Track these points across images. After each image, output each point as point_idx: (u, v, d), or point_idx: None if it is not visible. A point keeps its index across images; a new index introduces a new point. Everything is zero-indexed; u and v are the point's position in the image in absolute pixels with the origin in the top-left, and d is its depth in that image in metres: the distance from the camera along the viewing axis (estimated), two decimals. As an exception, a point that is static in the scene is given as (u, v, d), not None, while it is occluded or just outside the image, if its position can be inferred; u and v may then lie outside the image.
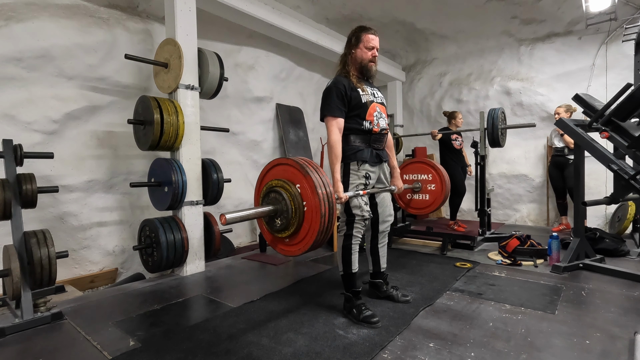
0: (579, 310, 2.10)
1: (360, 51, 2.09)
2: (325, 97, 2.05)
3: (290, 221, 1.57)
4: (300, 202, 1.55)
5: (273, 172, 1.70)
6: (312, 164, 1.61)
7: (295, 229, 1.57)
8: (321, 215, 1.47)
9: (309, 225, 1.52)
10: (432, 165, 2.66)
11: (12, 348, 1.79)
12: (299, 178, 1.56)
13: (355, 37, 2.09)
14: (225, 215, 1.43)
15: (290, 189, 1.57)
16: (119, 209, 3.39)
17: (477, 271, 2.92)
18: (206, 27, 3.88)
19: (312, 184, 1.51)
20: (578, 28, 4.69)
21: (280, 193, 1.59)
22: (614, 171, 2.50)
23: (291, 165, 1.61)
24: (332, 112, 1.99)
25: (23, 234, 1.99)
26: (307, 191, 1.52)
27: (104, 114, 3.27)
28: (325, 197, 1.51)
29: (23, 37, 2.79)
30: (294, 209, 1.56)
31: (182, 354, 1.68)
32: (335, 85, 2.03)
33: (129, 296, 2.52)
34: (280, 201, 1.58)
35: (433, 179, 2.66)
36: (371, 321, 1.94)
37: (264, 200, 1.67)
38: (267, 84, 4.81)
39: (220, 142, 4.32)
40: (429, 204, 2.68)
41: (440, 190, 2.61)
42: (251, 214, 1.53)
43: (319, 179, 1.54)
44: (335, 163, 1.92)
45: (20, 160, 2.03)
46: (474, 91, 5.53)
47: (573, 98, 3.02)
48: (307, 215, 1.53)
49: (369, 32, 2.09)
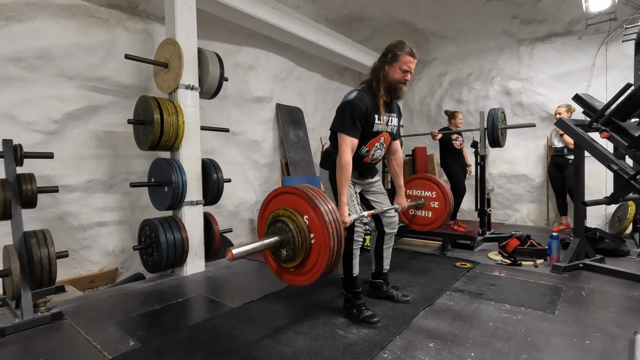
0: (579, 310, 2.10)
1: (393, 70, 1.94)
2: (344, 111, 1.91)
3: (296, 253, 1.49)
4: (307, 235, 1.47)
5: (279, 200, 1.60)
6: (320, 195, 1.52)
7: (301, 260, 1.49)
8: (330, 250, 1.40)
9: (316, 257, 1.45)
10: (436, 182, 2.62)
11: (12, 348, 1.79)
12: (307, 209, 1.47)
13: (393, 54, 1.93)
14: (232, 250, 1.35)
15: (297, 220, 1.48)
16: (119, 209, 3.39)
17: (477, 271, 2.91)
18: (206, 27, 3.88)
19: (322, 217, 1.42)
20: (578, 28, 4.69)
21: (287, 223, 1.50)
22: (614, 171, 2.50)
23: (299, 195, 1.51)
24: (348, 131, 1.89)
25: (23, 234, 1.99)
26: (315, 224, 1.44)
27: (104, 114, 3.27)
28: (335, 231, 1.42)
29: (23, 37, 2.79)
30: (300, 241, 1.48)
31: (182, 354, 1.68)
32: (357, 103, 1.90)
33: (129, 296, 2.52)
34: (286, 232, 1.49)
35: (437, 197, 2.62)
36: (371, 321, 1.93)
37: (269, 229, 1.58)
38: (267, 84, 4.81)
39: (220, 142, 4.32)
40: (432, 221, 2.65)
41: (444, 208, 2.58)
42: (257, 247, 1.46)
43: (329, 212, 1.45)
44: (344, 185, 1.87)
45: (20, 160, 2.03)
46: (474, 91, 5.53)
47: (573, 98, 3.02)
48: (314, 247, 1.45)
49: (408, 53, 1.92)
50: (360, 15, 5.06)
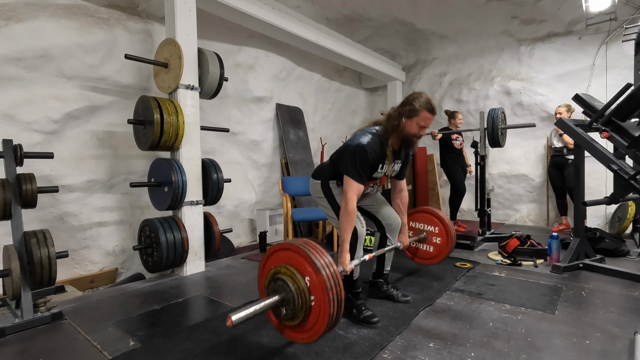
0: (579, 310, 2.10)
1: (410, 124, 1.91)
2: (355, 156, 1.87)
3: (296, 313, 1.46)
4: (308, 297, 1.43)
5: (279, 256, 1.56)
6: (322, 256, 1.46)
7: (301, 321, 1.47)
8: (329, 315, 1.38)
9: (315, 320, 1.43)
10: (440, 217, 2.58)
11: (12, 348, 1.79)
12: (308, 270, 1.43)
13: (412, 108, 1.89)
14: (231, 317, 1.31)
15: (298, 281, 1.44)
16: (119, 209, 3.39)
17: (477, 271, 2.91)
18: (206, 27, 3.88)
19: (323, 283, 1.38)
20: (578, 28, 4.69)
21: (287, 282, 1.47)
22: (614, 171, 2.50)
23: (300, 255, 1.47)
24: (356, 177, 1.87)
25: (23, 234, 1.99)
26: (316, 288, 1.41)
27: (104, 114, 3.27)
28: (335, 297, 1.40)
29: (23, 37, 2.78)
30: (301, 302, 1.44)
31: (182, 354, 1.68)
32: (369, 151, 1.87)
33: (129, 296, 2.52)
34: (287, 291, 1.46)
35: (439, 232, 2.59)
36: (371, 321, 1.94)
37: (269, 286, 1.55)
38: (267, 84, 4.81)
39: (220, 142, 4.32)
40: (433, 256, 2.64)
41: (446, 244, 2.56)
42: (259, 309, 1.41)
43: (331, 277, 1.41)
44: (348, 232, 1.87)
45: (20, 160, 2.02)
46: (474, 91, 5.53)
47: (573, 98, 3.02)
48: (314, 309, 1.42)
49: (429, 110, 1.89)
50: (360, 15, 5.06)
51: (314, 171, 2.23)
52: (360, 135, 1.94)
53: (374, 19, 5.18)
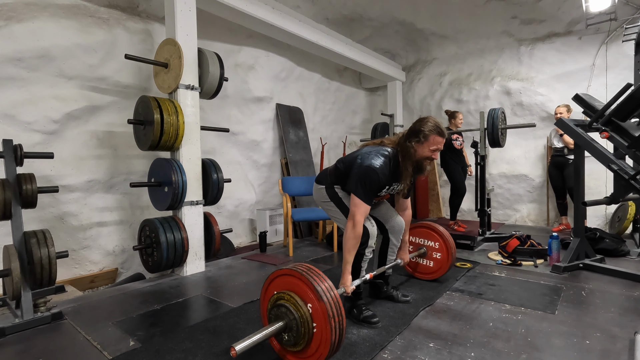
0: (579, 310, 2.10)
1: (422, 148, 1.93)
2: (366, 177, 1.87)
3: (298, 340, 1.47)
4: (310, 324, 1.44)
5: (283, 281, 1.56)
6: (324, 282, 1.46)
7: (303, 347, 1.48)
8: (331, 343, 1.39)
9: (317, 347, 1.44)
10: (440, 233, 2.58)
11: (12, 348, 1.79)
12: (310, 297, 1.44)
13: (423, 134, 1.91)
14: (235, 347, 1.32)
15: (300, 308, 1.45)
16: (119, 209, 3.39)
17: (477, 271, 2.92)
18: (206, 27, 3.88)
19: (325, 310, 1.39)
20: (578, 28, 4.69)
21: (289, 309, 1.47)
22: (614, 171, 2.50)
23: (303, 282, 1.47)
24: (365, 199, 1.88)
25: (23, 234, 1.99)
26: (319, 315, 1.41)
27: (104, 114, 3.27)
28: (337, 326, 1.41)
29: (23, 37, 2.79)
30: (303, 330, 1.45)
31: (182, 354, 1.68)
32: (379, 174, 1.88)
33: (129, 296, 2.52)
34: (290, 318, 1.47)
35: (440, 248, 2.58)
36: (371, 321, 1.94)
37: (271, 311, 1.55)
38: (267, 84, 4.81)
39: (220, 142, 4.32)
40: (433, 271, 2.64)
41: (446, 259, 2.57)
42: (261, 338, 1.42)
43: (333, 305, 1.42)
44: (352, 254, 1.87)
45: (20, 160, 2.02)
46: (474, 91, 5.53)
47: (573, 98, 3.02)
48: (316, 336, 1.43)
49: (439, 134, 1.92)
50: (360, 15, 5.06)
51: (318, 176, 2.23)
52: (372, 156, 1.92)
53: (374, 19, 5.18)
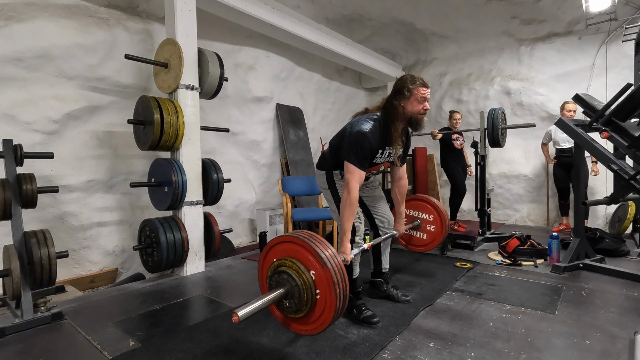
0: (579, 310, 2.10)
1: (411, 105, 1.91)
2: (357, 143, 1.85)
3: (301, 307, 1.45)
4: (313, 291, 1.43)
5: (283, 248, 1.54)
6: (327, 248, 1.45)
7: (305, 314, 1.46)
8: (336, 309, 1.38)
9: (320, 313, 1.43)
10: (435, 206, 2.57)
11: (12, 348, 1.79)
12: (314, 264, 1.42)
13: (407, 89, 1.90)
14: (238, 313, 1.30)
15: (303, 275, 1.43)
16: (119, 209, 3.39)
17: (477, 271, 2.91)
18: (206, 27, 3.88)
19: (330, 277, 1.38)
20: (578, 28, 4.69)
21: (291, 275, 1.45)
22: (614, 171, 2.50)
23: (305, 249, 1.45)
24: (358, 164, 1.86)
25: (23, 234, 1.99)
26: (322, 282, 1.40)
27: (104, 114, 3.27)
28: (342, 292, 1.40)
29: (23, 37, 2.79)
30: (306, 297, 1.43)
31: (182, 354, 1.68)
32: (369, 137, 1.86)
33: (129, 296, 2.52)
34: (291, 284, 1.45)
35: (434, 221, 2.58)
36: (371, 321, 1.94)
37: (272, 279, 1.53)
38: (267, 84, 4.81)
39: (220, 142, 4.32)
40: (427, 243, 2.64)
41: (440, 232, 2.57)
42: (263, 304, 1.40)
43: (337, 271, 1.41)
44: (350, 221, 1.87)
45: (20, 160, 2.02)
46: (474, 91, 5.53)
47: (573, 98, 3.03)
48: (319, 303, 1.42)
49: (421, 84, 1.91)
50: (360, 15, 5.06)
51: (318, 161, 2.20)
52: (361, 122, 1.91)
53: (374, 19, 5.18)
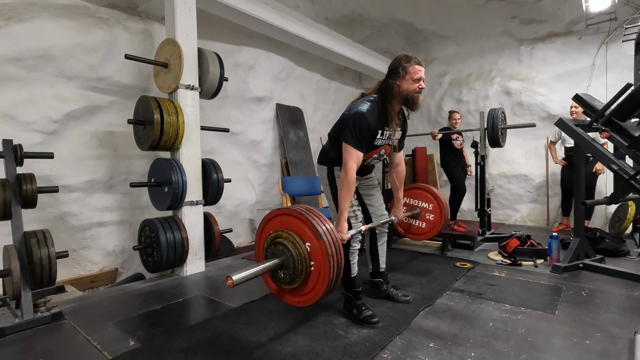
0: (579, 310, 2.10)
1: (406, 83, 1.90)
2: (355, 123, 1.85)
3: (295, 278, 1.48)
4: (308, 262, 1.45)
5: (281, 220, 1.56)
6: (324, 223, 1.47)
7: (299, 285, 1.49)
8: (329, 281, 1.41)
9: (313, 284, 1.46)
10: (435, 195, 2.57)
11: (12, 348, 1.79)
12: (309, 237, 1.45)
13: (402, 67, 1.89)
14: (232, 277, 1.33)
15: (298, 246, 1.46)
16: (119, 209, 3.39)
17: (477, 271, 2.91)
18: (206, 27, 3.88)
19: (324, 249, 1.41)
20: (578, 28, 4.69)
21: (287, 246, 1.48)
22: (614, 171, 2.50)
23: (302, 221, 1.47)
24: (356, 145, 1.85)
25: (23, 234, 1.99)
26: (317, 254, 1.43)
27: (104, 114, 3.27)
28: (336, 264, 1.42)
29: (23, 37, 2.79)
30: (300, 268, 1.46)
31: (182, 354, 1.68)
32: (367, 117, 1.86)
33: (129, 296, 2.52)
34: (287, 255, 1.48)
35: (433, 209, 2.57)
36: (371, 321, 1.94)
37: (268, 249, 1.56)
38: (267, 84, 4.81)
39: (220, 142, 4.32)
40: (425, 231, 2.65)
41: (439, 221, 2.56)
42: (258, 271, 1.43)
43: (332, 244, 1.43)
44: (347, 201, 1.86)
45: (20, 160, 2.03)
46: (474, 91, 5.53)
47: (573, 98, 3.02)
48: (313, 274, 1.45)
49: (416, 63, 1.90)
50: (360, 15, 5.06)
51: (319, 155, 2.19)
52: (358, 104, 1.92)
53: (374, 19, 5.18)
